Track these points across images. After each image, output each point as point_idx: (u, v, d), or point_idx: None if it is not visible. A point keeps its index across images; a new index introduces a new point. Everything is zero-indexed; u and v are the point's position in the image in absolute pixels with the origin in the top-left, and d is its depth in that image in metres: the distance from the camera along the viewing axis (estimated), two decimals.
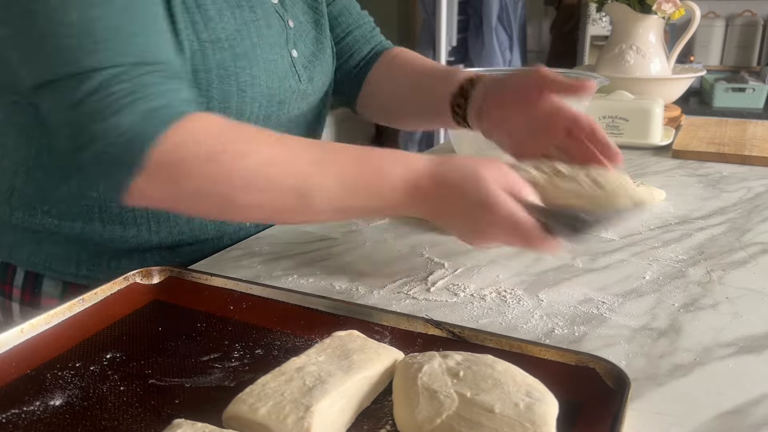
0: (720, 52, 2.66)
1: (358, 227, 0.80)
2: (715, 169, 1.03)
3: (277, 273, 0.67)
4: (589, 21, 2.67)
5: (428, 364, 0.43)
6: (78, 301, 0.55)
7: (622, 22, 1.29)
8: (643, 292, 0.61)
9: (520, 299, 0.60)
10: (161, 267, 0.62)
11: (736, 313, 0.57)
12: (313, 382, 0.41)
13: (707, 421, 0.43)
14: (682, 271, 0.66)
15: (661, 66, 1.29)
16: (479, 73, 0.81)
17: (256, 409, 0.39)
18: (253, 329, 0.53)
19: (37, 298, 0.74)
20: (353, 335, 0.48)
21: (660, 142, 1.15)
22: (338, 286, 0.63)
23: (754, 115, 2.13)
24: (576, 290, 0.62)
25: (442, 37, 2.43)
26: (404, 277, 0.65)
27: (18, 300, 0.75)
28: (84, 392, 0.45)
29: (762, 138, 1.16)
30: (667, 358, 0.50)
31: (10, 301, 0.75)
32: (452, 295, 0.61)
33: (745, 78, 2.35)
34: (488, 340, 0.49)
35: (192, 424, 0.39)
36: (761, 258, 0.68)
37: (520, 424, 0.37)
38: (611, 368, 0.44)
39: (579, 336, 0.53)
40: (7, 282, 0.75)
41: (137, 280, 0.61)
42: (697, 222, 0.79)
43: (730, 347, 0.52)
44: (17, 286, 0.75)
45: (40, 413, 0.43)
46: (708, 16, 2.60)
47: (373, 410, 0.43)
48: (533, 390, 0.40)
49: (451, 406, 0.39)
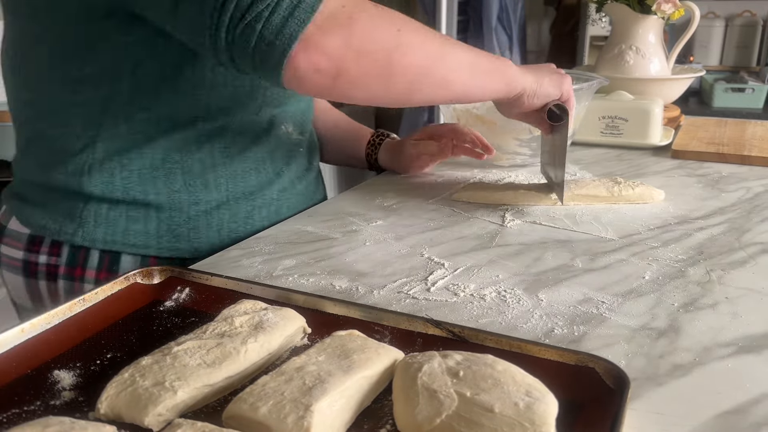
0: (719, 52, 2.66)
1: (358, 227, 0.80)
2: (715, 169, 1.03)
3: (277, 273, 0.67)
4: (589, 21, 2.67)
5: (428, 363, 0.43)
6: (78, 301, 0.55)
7: (622, 22, 1.30)
8: (643, 292, 0.61)
9: (519, 299, 0.60)
10: (161, 267, 0.62)
11: (735, 313, 0.57)
12: (313, 382, 0.41)
13: (707, 421, 0.43)
14: (682, 271, 0.66)
15: (660, 66, 1.29)
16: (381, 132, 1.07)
17: (257, 408, 0.39)
18: None
19: (116, 276, 0.75)
20: (353, 335, 0.48)
21: (659, 142, 1.15)
22: (338, 286, 0.63)
23: (753, 115, 2.13)
24: (576, 290, 0.62)
25: None
26: (404, 277, 0.65)
27: (92, 281, 0.76)
28: (84, 392, 0.45)
29: (761, 138, 1.16)
30: (667, 357, 0.50)
31: (82, 284, 0.76)
32: (452, 295, 0.61)
33: (745, 78, 2.35)
34: (488, 339, 0.49)
35: (192, 424, 0.39)
36: (761, 258, 0.68)
37: (520, 423, 0.37)
38: (611, 368, 0.44)
39: (579, 336, 0.54)
40: (78, 265, 0.76)
41: (137, 280, 0.61)
42: (697, 222, 0.80)
43: (730, 347, 0.52)
44: (91, 267, 0.76)
45: (41, 413, 0.43)
46: (707, 17, 2.60)
47: (373, 410, 0.43)
48: (533, 390, 0.40)
49: (451, 405, 0.39)
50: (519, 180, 0.99)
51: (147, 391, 0.41)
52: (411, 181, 1.00)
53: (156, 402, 0.40)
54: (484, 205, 0.87)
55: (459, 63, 0.68)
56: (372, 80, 0.62)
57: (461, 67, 0.68)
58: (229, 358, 0.45)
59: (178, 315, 0.56)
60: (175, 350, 0.45)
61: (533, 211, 0.84)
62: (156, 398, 0.41)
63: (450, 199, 0.90)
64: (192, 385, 0.42)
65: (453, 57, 0.67)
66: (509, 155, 1.05)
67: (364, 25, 0.59)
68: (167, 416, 0.41)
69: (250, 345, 0.46)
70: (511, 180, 0.99)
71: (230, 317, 0.50)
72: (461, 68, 0.68)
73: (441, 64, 0.66)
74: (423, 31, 0.65)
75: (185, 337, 0.48)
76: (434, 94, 0.69)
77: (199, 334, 0.48)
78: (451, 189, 0.95)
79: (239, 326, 0.49)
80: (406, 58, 0.63)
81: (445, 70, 0.66)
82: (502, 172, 1.04)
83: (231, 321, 0.49)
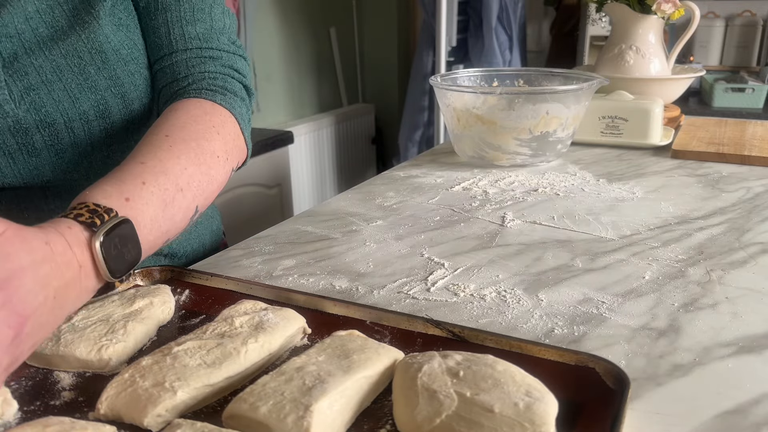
0: (719, 52, 2.66)
1: (358, 227, 0.80)
2: (715, 169, 1.03)
3: (277, 273, 0.67)
4: (589, 21, 2.67)
5: (428, 363, 0.43)
6: None
7: (622, 22, 1.30)
8: (643, 292, 0.61)
9: (519, 299, 0.60)
10: (161, 267, 0.62)
11: (735, 313, 0.57)
12: (313, 382, 0.41)
13: (707, 421, 0.43)
14: (682, 271, 0.66)
15: (660, 66, 1.29)
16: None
17: (257, 408, 0.39)
18: None
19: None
20: (353, 335, 0.49)
21: (659, 142, 1.15)
22: (338, 286, 0.63)
23: (753, 115, 2.13)
24: (576, 290, 0.62)
25: (442, 38, 2.42)
26: (404, 277, 0.65)
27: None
28: (84, 392, 0.45)
29: (761, 138, 1.16)
30: (667, 357, 0.50)
31: None
32: (452, 295, 0.61)
33: (745, 78, 2.35)
34: (488, 339, 0.49)
35: (192, 424, 0.39)
36: (761, 258, 0.68)
37: (520, 423, 0.37)
38: (611, 368, 0.44)
39: (579, 336, 0.53)
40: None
41: (137, 280, 0.61)
42: (697, 222, 0.79)
43: (730, 347, 0.52)
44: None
45: (41, 413, 0.43)
46: (707, 16, 2.60)
47: (373, 410, 0.43)
48: (533, 390, 0.40)
49: (451, 405, 0.39)
50: (519, 180, 0.99)
51: (147, 392, 0.41)
52: (411, 181, 1.00)
53: (156, 402, 0.40)
54: (484, 205, 0.87)
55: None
56: None
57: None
58: (229, 359, 0.45)
59: (179, 315, 0.56)
60: (175, 350, 0.45)
61: (533, 211, 0.84)
62: (156, 399, 0.41)
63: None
64: (192, 385, 0.42)
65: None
66: (509, 155, 1.05)
67: None
68: (167, 417, 0.41)
69: (250, 345, 0.46)
70: (511, 180, 0.99)
71: (230, 317, 0.50)
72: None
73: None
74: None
75: (185, 338, 0.48)
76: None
77: (199, 335, 0.48)
78: (451, 189, 0.95)
79: (239, 326, 0.49)
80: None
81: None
82: (502, 172, 1.04)
83: (231, 321, 0.49)
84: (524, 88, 1.16)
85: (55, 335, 0.48)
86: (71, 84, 0.60)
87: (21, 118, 0.58)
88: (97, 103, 0.62)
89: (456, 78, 1.18)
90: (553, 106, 1.01)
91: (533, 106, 1.01)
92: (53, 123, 0.60)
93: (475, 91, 1.09)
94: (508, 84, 1.19)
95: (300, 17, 2.63)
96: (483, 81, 1.19)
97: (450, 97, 1.07)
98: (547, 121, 1.02)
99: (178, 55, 0.67)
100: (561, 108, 1.01)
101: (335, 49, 2.85)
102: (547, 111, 1.01)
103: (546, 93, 1.03)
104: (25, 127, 0.59)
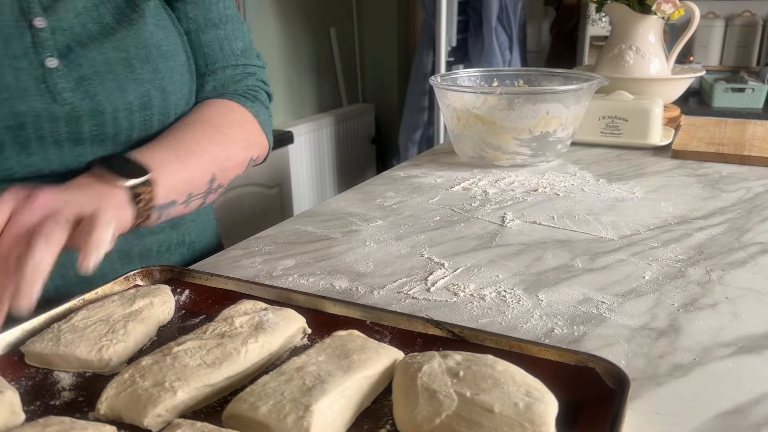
0: (719, 52, 2.66)
1: (358, 227, 0.80)
2: (715, 169, 1.03)
3: (277, 273, 0.67)
4: (589, 21, 2.67)
5: (428, 363, 0.43)
6: (78, 301, 0.55)
7: (622, 22, 1.29)
8: (643, 292, 0.61)
9: (519, 299, 0.60)
10: (161, 267, 0.62)
11: (735, 313, 0.57)
12: (313, 382, 0.41)
13: (707, 421, 0.43)
14: (682, 271, 0.66)
15: (660, 66, 1.29)
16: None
17: (256, 408, 0.39)
18: None
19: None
20: (353, 335, 0.48)
21: (659, 142, 1.15)
22: (338, 286, 0.63)
23: (753, 115, 2.13)
24: (575, 290, 0.62)
25: (442, 38, 2.42)
26: (404, 277, 0.65)
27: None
28: (84, 392, 0.45)
29: (761, 138, 1.16)
30: (667, 358, 0.50)
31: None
32: (452, 295, 0.61)
33: (745, 78, 2.35)
34: (488, 339, 0.49)
35: (192, 424, 0.39)
36: (761, 258, 0.68)
37: (520, 423, 0.37)
38: (611, 368, 0.44)
39: (578, 336, 0.54)
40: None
41: (137, 280, 0.61)
42: (697, 222, 0.80)
43: (730, 347, 0.52)
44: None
45: (41, 413, 0.43)
46: (707, 17, 2.59)
47: (373, 410, 0.43)
48: (533, 390, 0.40)
49: (451, 405, 0.39)
50: (519, 180, 0.99)
51: (147, 392, 0.41)
52: (411, 181, 1.00)
53: (155, 402, 0.40)
54: (484, 205, 0.87)
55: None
56: None
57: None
58: (229, 359, 0.45)
59: (179, 315, 0.56)
60: (175, 350, 0.45)
61: (533, 211, 0.84)
62: (156, 399, 0.41)
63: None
64: (192, 385, 0.42)
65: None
66: (509, 155, 1.05)
67: None
68: (167, 417, 0.41)
69: (250, 345, 0.46)
70: (511, 180, 0.99)
71: (230, 317, 0.50)
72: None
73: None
74: None
75: (185, 338, 0.48)
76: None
77: (199, 335, 0.48)
78: (451, 189, 0.95)
79: (239, 326, 0.49)
80: None
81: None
82: (502, 172, 1.04)
83: (231, 321, 0.49)
84: (524, 88, 1.16)
85: (55, 335, 0.48)
86: (120, 75, 0.64)
87: (77, 105, 0.61)
88: (141, 95, 0.65)
89: (456, 78, 1.18)
90: (553, 106, 1.01)
91: (533, 106, 1.01)
92: (102, 112, 0.63)
93: (475, 91, 1.09)
94: (508, 84, 1.19)
95: (300, 17, 2.64)
96: (483, 81, 1.19)
97: (450, 97, 1.07)
98: (547, 121, 1.02)
99: (229, 71, 0.76)
100: (561, 108, 1.01)
101: (335, 49, 2.85)
102: (547, 111, 1.01)
103: (546, 93, 1.03)
104: (78, 115, 0.62)
